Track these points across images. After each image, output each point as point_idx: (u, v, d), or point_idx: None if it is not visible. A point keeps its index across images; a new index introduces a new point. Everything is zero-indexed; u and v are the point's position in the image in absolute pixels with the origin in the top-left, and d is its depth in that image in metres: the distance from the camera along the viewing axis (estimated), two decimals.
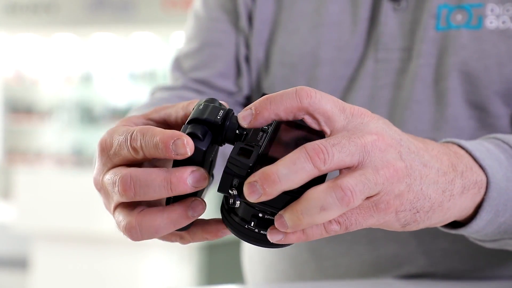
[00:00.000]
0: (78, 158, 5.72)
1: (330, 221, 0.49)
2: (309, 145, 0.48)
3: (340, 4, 0.85)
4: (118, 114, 5.52)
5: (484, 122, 0.80)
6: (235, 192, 0.49)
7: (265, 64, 0.90)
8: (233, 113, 0.52)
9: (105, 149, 0.53)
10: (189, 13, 0.98)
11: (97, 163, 0.55)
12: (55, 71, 5.82)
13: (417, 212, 0.53)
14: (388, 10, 0.83)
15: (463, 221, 0.61)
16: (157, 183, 0.49)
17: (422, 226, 0.55)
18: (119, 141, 0.51)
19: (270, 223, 0.50)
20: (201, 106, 0.52)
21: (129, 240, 0.52)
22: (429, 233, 0.82)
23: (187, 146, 0.48)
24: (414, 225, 0.54)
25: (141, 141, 0.50)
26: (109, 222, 3.28)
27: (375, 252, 0.84)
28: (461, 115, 0.80)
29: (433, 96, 0.81)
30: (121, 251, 3.26)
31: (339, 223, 0.50)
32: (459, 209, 0.57)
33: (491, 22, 0.78)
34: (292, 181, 0.47)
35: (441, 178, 0.54)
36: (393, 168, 0.50)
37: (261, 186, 0.47)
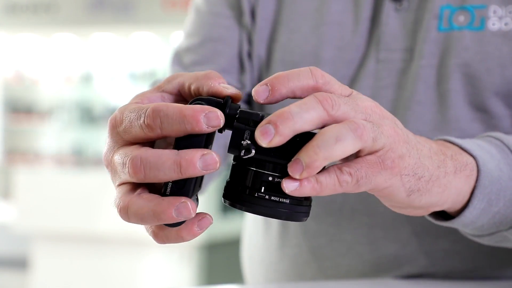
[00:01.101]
0: (78, 158, 5.72)
1: (342, 171, 0.50)
2: (317, 93, 0.50)
3: (342, 3, 0.85)
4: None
5: (488, 124, 0.80)
6: (247, 142, 0.49)
7: (267, 62, 0.89)
8: (232, 100, 0.53)
9: (115, 126, 0.52)
10: (188, 11, 0.98)
11: (107, 140, 0.54)
12: (55, 71, 5.82)
13: (419, 178, 0.54)
14: (390, 10, 0.83)
15: (457, 214, 0.62)
16: (167, 166, 0.48)
17: (424, 200, 0.56)
18: (130, 118, 0.51)
19: (280, 187, 0.50)
20: (200, 97, 0.52)
21: (128, 240, 0.51)
22: (430, 233, 0.82)
23: (221, 118, 0.48)
24: (417, 195, 0.55)
25: (161, 118, 0.49)
26: (109, 222, 3.29)
27: (375, 253, 0.84)
28: (463, 117, 0.80)
29: (435, 97, 0.81)
30: (121, 251, 3.26)
31: (351, 174, 0.50)
32: (455, 189, 0.58)
33: (494, 23, 0.78)
34: (304, 119, 0.48)
35: (434, 156, 0.57)
36: (393, 130, 0.53)
37: (274, 125, 0.48)
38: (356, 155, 0.52)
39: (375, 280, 0.85)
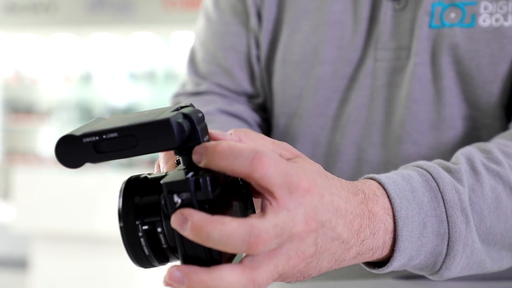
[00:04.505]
0: None
1: None
2: (256, 228, 0.47)
3: (342, 3, 0.85)
4: (117, 114, 5.52)
5: (479, 123, 0.80)
6: (178, 199, 0.48)
7: (270, 62, 0.90)
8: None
9: None
10: (188, 11, 0.98)
11: None
12: (54, 71, 5.82)
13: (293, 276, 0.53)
14: (388, 10, 0.83)
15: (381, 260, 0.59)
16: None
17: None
18: None
19: (160, 246, 0.51)
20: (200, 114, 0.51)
21: None
22: None
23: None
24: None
25: None
26: (108, 222, 3.28)
27: None
28: (457, 114, 0.80)
29: (431, 95, 0.81)
30: (121, 251, 3.25)
31: None
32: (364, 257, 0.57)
33: (484, 20, 0.78)
34: (216, 247, 0.47)
35: (340, 250, 0.54)
36: (302, 257, 0.51)
37: (190, 228, 0.47)
38: None
39: (375, 280, 0.84)
